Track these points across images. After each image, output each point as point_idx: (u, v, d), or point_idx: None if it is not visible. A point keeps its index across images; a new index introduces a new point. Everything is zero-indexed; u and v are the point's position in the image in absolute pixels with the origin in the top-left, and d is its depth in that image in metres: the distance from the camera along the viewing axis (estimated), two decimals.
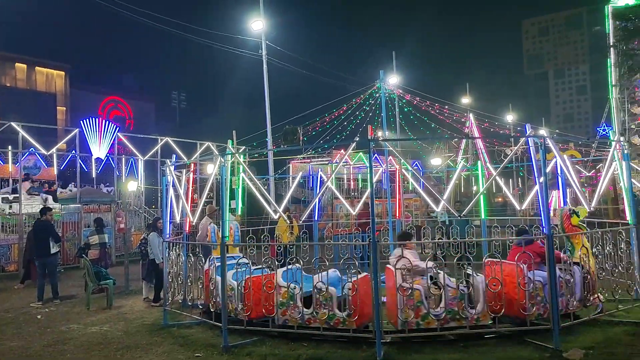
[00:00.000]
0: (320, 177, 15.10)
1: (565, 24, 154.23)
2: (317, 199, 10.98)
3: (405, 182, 19.38)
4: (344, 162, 24.71)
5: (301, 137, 14.28)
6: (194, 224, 10.24)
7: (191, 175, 11.05)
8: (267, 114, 22.66)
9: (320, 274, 7.74)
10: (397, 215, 14.98)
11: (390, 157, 14.73)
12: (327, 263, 7.85)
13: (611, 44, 41.38)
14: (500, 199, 38.29)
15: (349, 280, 7.43)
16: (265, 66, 22.74)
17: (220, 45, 27.56)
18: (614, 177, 12.51)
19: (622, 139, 9.01)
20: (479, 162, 15.30)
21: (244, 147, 24.52)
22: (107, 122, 25.94)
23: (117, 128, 26.26)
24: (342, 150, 17.64)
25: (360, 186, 30.68)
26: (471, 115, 20.63)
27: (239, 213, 14.58)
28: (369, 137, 12.63)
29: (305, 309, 7.72)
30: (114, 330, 9.08)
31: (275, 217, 10.42)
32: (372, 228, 7.14)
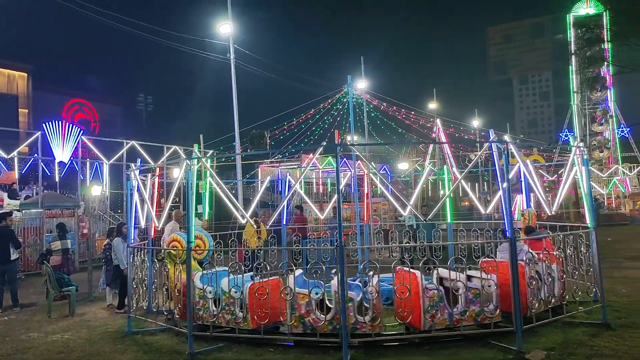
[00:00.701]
0: (289, 181, 15.07)
1: (529, 32, 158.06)
2: (284, 203, 10.95)
3: (373, 187, 19.54)
4: (312, 167, 24.76)
5: (268, 142, 14.21)
6: (159, 229, 10.09)
7: (157, 180, 10.88)
8: (235, 118, 22.50)
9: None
10: (365, 219, 15.06)
11: (359, 161, 14.81)
12: (295, 268, 7.84)
13: (572, 51, 42.55)
14: (466, 203, 38.90)
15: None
16: (233, 70, 22.58)
17: (188, 49, 27.29)
18: (575, 181, 12.85)
19: (581, 144, 9.23)
20: (446, 166, 15.53)
21: (212, 151, 24.31)
22: (71, 124, 25.38)
23: (82, 131, 25.72)
24: (311, 155, 17.67)
25: (329, 190, 30.78)
26: (438, 121, 20.99)
27: (206, 218, 14.44)
28: (336, 142, 12.66)
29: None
30: (76, 338, 8.86)
31: (243, 221, 10.37)
32: (339, 232, 7.17)
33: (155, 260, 9.60)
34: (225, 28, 22.27)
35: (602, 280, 8.66)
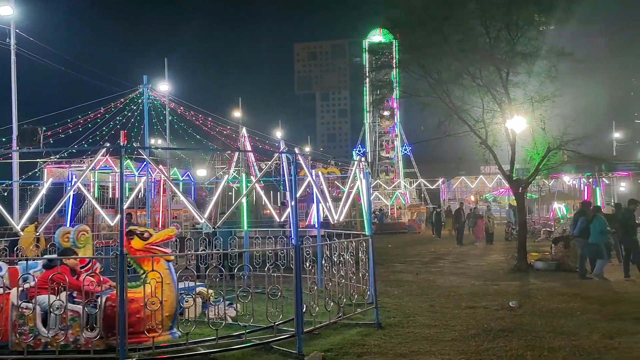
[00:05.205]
0: (75, 183, 13.85)
1: (331, 52, 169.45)
2: (58, 207, 9.87)
3: (172, 193, 18.96)
4: (109, 170, 23.15)
5: (42, 139, 12.73)
6: None
7: None
8: (14, 111, 19.85)
9: None
10: (159, 226, 14.52)
11: (161, 166, 14.26)
12: (67, 280, 7.15)
13: (366, 74, 46.62)
14: (267, 212, 39.93)
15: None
16: (13, 57, 19.95)
17: None
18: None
19: (363, 159, 10.07)
20: (244, 174, 15.75)
21: None
22: None
23: None
24: (101, 156, 16.50)
25: (126, 195, 29.05)
26: (244, 129, 21.14)
27: None
28: (122, 144, 12.00)
29: None
30: None
31: (17, 228, 9.22)
32: (120, 240, 6.74)
33: None
34: (5, 10, 19.62)
35: (376, 283, 9.49)
